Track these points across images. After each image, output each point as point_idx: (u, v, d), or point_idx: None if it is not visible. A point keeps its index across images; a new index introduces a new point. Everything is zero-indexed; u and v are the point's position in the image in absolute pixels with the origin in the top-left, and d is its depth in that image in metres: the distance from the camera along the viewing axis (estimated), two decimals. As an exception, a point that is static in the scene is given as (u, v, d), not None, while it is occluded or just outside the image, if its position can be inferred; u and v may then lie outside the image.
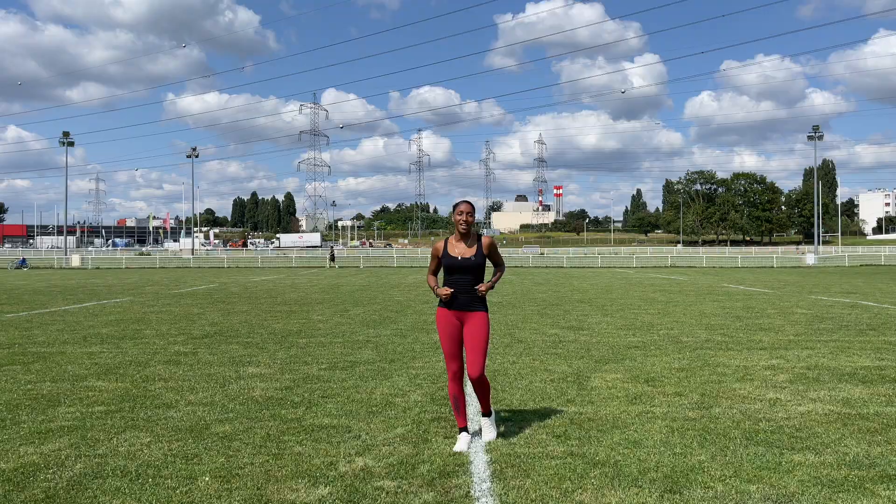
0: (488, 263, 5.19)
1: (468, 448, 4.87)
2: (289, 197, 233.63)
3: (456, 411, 5.00)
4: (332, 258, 53.52)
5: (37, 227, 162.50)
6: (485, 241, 5.01)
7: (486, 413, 5.19)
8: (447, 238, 5.08)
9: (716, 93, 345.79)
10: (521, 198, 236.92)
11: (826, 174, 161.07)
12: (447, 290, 4.94)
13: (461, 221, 4.91)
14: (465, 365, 5.04)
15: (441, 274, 5.18)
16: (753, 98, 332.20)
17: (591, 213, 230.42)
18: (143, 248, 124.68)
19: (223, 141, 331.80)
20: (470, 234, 4.99)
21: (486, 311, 5.06)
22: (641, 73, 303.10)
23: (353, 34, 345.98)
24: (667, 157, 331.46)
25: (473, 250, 4.96)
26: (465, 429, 5.00)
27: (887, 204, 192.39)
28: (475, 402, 6.21)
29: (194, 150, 79.92)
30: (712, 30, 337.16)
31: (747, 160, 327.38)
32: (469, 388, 6.70)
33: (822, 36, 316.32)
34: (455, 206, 4.96)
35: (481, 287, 4.94)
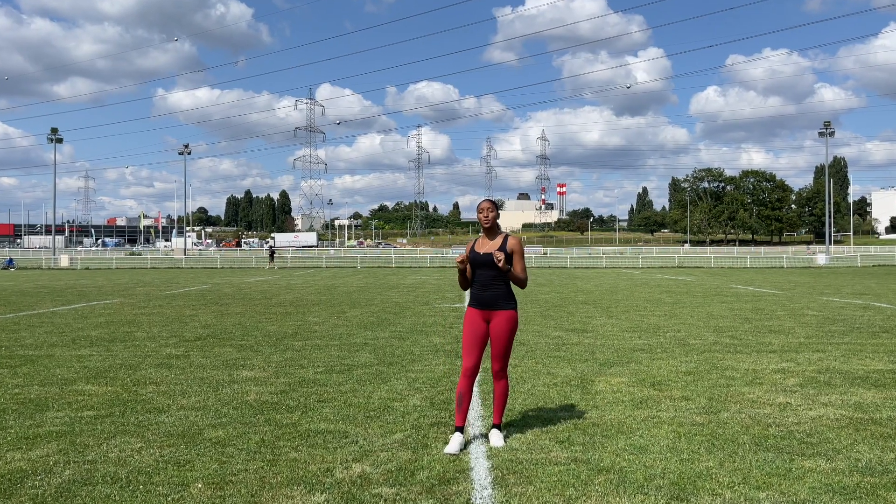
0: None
1: (459, 449, 4.80)
2: (284, 195, 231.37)
3: (458, 408, 4.96)
4: (272, 257, 51.24)
5: (24, 226, 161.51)
6: (511, 240, 5.08)
7: (497, 423, 5.17)
8: (477, 238, 5.20)
9: (722, 88, 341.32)
10: (524, 196, 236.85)
11: (837, 171, 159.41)
12: (463, 258, 5.06)
13: (482, 218, 5.07)
14: (491, 361, 5.12)
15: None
16: (761, 94, 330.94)
17: (596, 212, 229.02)
18: (134, 248, 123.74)
19: (216, 138, 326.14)
20: (494, 231, 5.10)
21: (515, 308, 5.10)
22: (645, 68, 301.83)
23: (348, 28, 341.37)
24: (672, 154, 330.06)
25: (497, 246, 5.04)
26: (460, 429, 4.93)
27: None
28: (476, 407, 6.14)
29: (186, 147, 78.02)
30: (718, 23, 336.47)
31: (755, 157, 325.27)
32: (476, 389, 6.63)
33: (830, 30, 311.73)
34: (478, 206, 5.14)
35: (498, 254, 4.91)
